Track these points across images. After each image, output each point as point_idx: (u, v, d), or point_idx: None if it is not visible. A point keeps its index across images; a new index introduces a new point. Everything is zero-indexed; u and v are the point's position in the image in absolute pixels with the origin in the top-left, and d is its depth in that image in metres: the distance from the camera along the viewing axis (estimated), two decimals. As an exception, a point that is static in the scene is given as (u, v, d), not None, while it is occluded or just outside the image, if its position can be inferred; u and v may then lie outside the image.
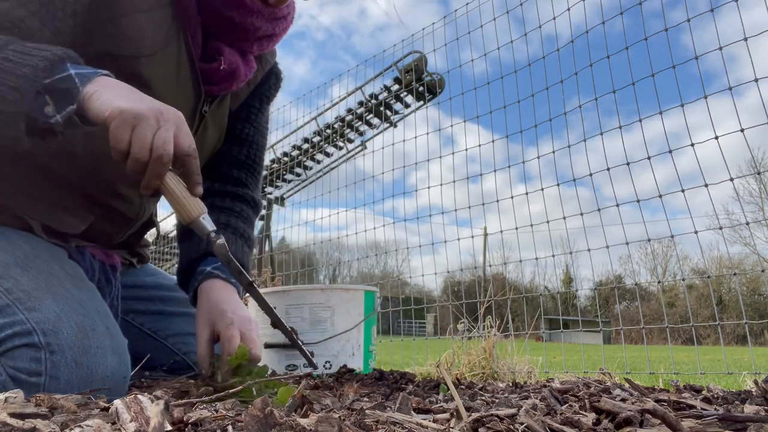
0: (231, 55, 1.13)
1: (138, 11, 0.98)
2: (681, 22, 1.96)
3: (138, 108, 0.81)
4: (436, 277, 2.85)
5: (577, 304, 26.79)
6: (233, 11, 1.05)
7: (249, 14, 1.06)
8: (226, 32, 1.10)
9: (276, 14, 1.11)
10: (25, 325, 0.86)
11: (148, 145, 0.81)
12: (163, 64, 1.04)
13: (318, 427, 0.50)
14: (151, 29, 1.01)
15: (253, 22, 1.08)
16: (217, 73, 1.12)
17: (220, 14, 1.06)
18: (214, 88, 1.16)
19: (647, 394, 0.98)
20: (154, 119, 0.82)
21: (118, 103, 0.81)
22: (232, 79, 1.15)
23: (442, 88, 6.29)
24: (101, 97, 0.81)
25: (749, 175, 21.91)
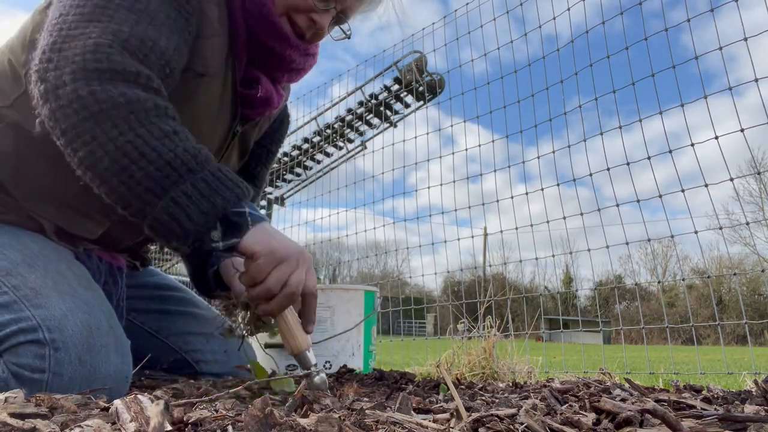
0: (266, 84, 1.23)
1: (214, 35, 1.07)
2: (681, 22, 1.96)
3: (286, 251, 0.91)
4: (436, 277, 2.86)
5: (577, 304, 26.81)
6: (276, 42, 1.15)
7: (288, 47, 1.16)
8: (265, 61, 1.20)
9: (308, 50, 1.22)
10: (31, 322, 0.88)
11: (283, 281, 0.91)
12: (216, 84, 1.13)
13: (318, 427, 0.50)
14: (218, 52, 1.10)
15: (290, 55, 1.18)
16: (255, 99, 1.22)
17: (264, 44, 1.16)
18: (250, 112, 1.25)
19: (647, 394, 0.98)
20: (294, 262, 0.92)
21: (273, 242, 0.91)
22: (267, 105, 1.25)
23: (442, 88, 6.29)
24: (261, 235, 0.91)
25: (749, 175, 21.92)
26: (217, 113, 1.16)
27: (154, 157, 0.84)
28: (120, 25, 0.90)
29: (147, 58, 0.91)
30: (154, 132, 0.86)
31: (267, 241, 0.90)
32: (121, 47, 0.88)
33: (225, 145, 1.24)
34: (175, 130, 0.88)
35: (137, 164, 0.83)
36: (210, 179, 0.87)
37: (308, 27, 1.15)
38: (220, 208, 0.87)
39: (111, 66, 0.86)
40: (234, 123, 1.22)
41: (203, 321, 1.42)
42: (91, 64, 0.85)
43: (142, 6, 0.93)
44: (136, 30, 0.91)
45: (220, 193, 0.87)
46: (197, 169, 0.86)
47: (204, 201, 0.85)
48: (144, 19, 0.93)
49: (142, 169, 0.83)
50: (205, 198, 0.86)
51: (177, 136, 0.88)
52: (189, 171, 0.86)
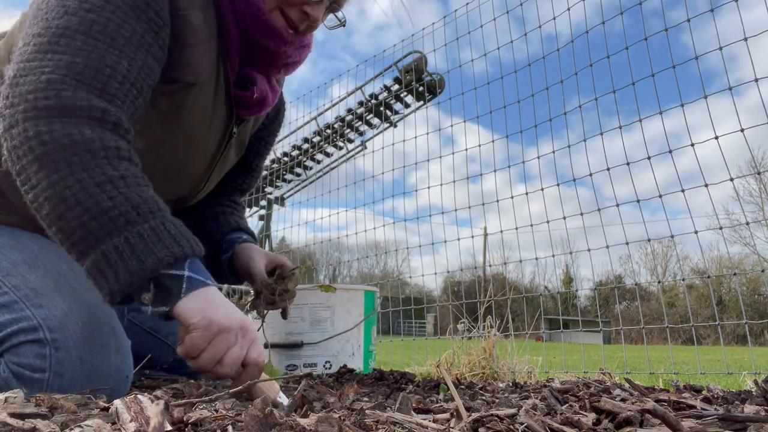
0: (261, 83, 1.21)
1: (200, 43, 1.03)
2: (681, 22, 1.96)
3: (225, 324, 0.83)
4: (436, 277, 2.85)
5: (577, 304, 26.81)
6: (270, 41, 1.12)
7: (283, 43, 1.13)
8: (260, 59, 1.17)
9: (303, 42, 1.18)
10: (32, 321, 0.88)
11: (217, 359, 0.83)
12: (208, 91, 1.10)
13: (318, 427, 0.50)
14: (206, 59, 1.06)
15: (286, 51, 1.15)
16: (250, 100, 1.20)
17: (258, 43, 1.12)
18: (245, 113, 1.23)
19: (647, 394, 0.98)
20: (233, 336, 0.84)
21: (209, 313, 0.82)
22: (262, 105, 1.23)
23: (442, 88, 6.29)
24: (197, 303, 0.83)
25: (749, 175, 21.92)
26: (210, 119, 1.14)
27: (90, 204, 0.79)
28: (74, 56, 0.85)
29: (106, 87, 0.87)
30: (96, 177, 0.81)
31: (204, 312, 0.82)
32: (74, 80, 0.84)
33: (221, 147, 1.23)
34: (121, 175, 0.83)
35: (72, 211, 0.79)
36: (147, 234, 0.80)
37: (301, 20, 1.11)
38: (150, 270, 0.79)
39: (60, 103, 0.82)
40: (230, 125, 1.21)
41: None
42: (42, 102, 0.82)
43: (101, 27, 0.88)
44: (92, 58, 0.86)
45: (153, 252, 0.80)
46: (136, 221, 0.81)
47: (134, 259, 0.79)
48: (102, 43, 0.88)
49: (77, 217, 0.79)
50: (135, 256, 0.79)
51: (123, 182, 0.82)
52: (127, 223, 0.80)
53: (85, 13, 0.88)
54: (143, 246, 0.80)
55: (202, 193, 1.29)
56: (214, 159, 1.23)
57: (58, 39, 0.86)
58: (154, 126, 1.05)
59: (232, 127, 1.22)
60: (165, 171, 1.13)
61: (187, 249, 0.83)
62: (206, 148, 1.18)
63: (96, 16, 0.88)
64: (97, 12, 0.89)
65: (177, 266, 0.82)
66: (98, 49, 0.87)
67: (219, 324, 0.82)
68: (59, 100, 0.82)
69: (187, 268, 0.83)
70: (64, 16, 0.88)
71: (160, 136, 1.06)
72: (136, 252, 0.79)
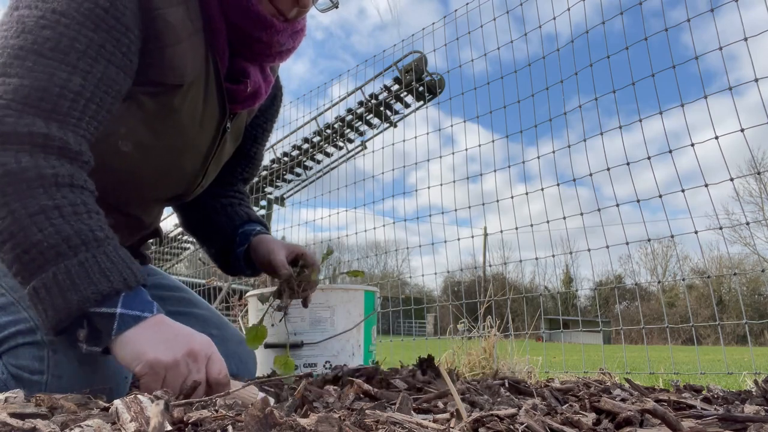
0: (254, 75, 1.17)
1: (181, 40, 0.98)
2: (681, 22, 1.96)
3: (166, 359, 0.79)
4: (436, 277, 2.86)
5: (577, 304, 26.80)
6: (262, 32, 1.08)
7: (275, 33, 1.09)
8: (252, 49, 1.13)
9: (295, 28, 1.14)
10: (29, 323, 0.87)
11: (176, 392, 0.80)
12: (197, 90, 1.06)
13: (318, 427, 0.50)
14: (192, 58, 1.02)
15: (279, 40, 1.11)
16: (243, 93, 1.16)
17: (250, 36, 1.09)
18: (238, 107, 1.19)
19: (647, 394, 0.98)
20: (183, 366, 0.80)
21: (148, 355, 0.78)
22: (255, 98, 1.20)
23: (442, 88, 6.29)
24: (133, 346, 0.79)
25: (749, 175, 21.92)
26: (201, 116, 1.11)
27: (21, 238, 0.77)
28: (23, 78, 0.82)
29: (55, 108, 0.83)
30: (29, 208, 0.78)
31: (142, 356, 0.78)
32: (20, 104, 0.81)
33: (215, 143, 1.21)
34: (56, 204, 0.80)
35: (7, 245, 0.78)
36: (75, 270, 0.78)
37: (291, 7, 1.07)
38: (75, 308, 0.77)
39: (1, 130, 0.79)
40: (223, 120, 1.18)
41: (203, 321, 1.42)
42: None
43: (53, 44, 0.84)
44: (40, 79, 0.83)
45: (79, 289, 0.77)
46: (66, 254, 0.78)
47: (59, 297, 0.77)
48: (54, 60, 0.84)
49: (11, 250, 0.78)
50: (61, 293, 0.77)
51: (57, 211, 0.79)
52: (57, 256, 0.77)
53: (39, 30, 0.85)
54: (69, 282, 0.77)
55: (199, 189, 1.27)
56: (209, 155, 1.21)
57: (12, 61, 0.83)
58: (142, 128, 1.02)
59: (225, 123, 1.19)
60: (158, 171, 1.11)
61: (118, 284, 0.80)
62: (199, 145, 1.16)
63: (50, 33, 0.84)
64: (52, 28, 0.85)
65: (107, 303, 0.79)
66: (48, 68, 0.83)
67: (161, 363, 0.78)
68: (1, 127, 0.80)
69: (120, 304, 0.80)
70: (21, 35, 0.84)
71: (149, 137, 1.04)
72: (62, 289, 0.77)
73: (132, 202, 1.17)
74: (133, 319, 0.80)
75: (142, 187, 1.13)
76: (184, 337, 0.83)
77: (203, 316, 1.44)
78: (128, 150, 1.01)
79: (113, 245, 0.84)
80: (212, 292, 5.20)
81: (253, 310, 1.74)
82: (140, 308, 0.82)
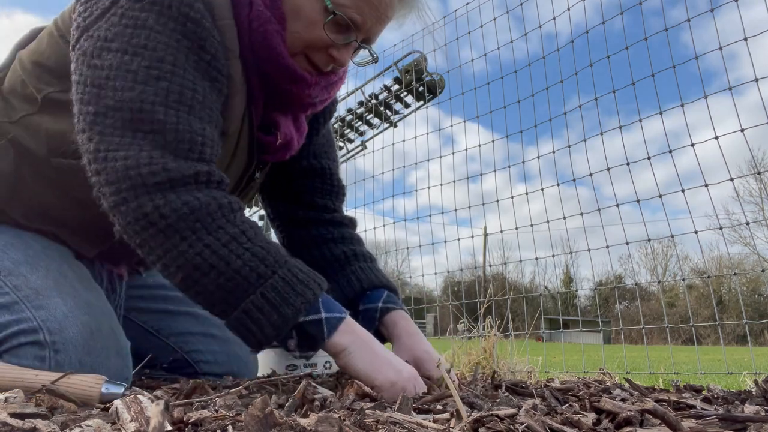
0: (286, 127, 1.15)
1: (237, 93, 1.01)
2: (681, 22, 1.96)
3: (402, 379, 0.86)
4: (436, 277, 2.86)
5: (577, 304, 26.81)
6: (292, 86, 1.06)
7: (306, 87, 1.07)
8: (283, 102, 1.12)
9: (330, 80, 1.12)
10: (32, 323, 0.88)
11: None
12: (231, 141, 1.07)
13: (318, 427, 0.50)
14: (239, 108, 1.03)
15: (310, 93, 1.09)
16: (273, 145, 1.14)
17: (279, 88, 1.07)
18: (269, 157, 1.18)
19: (647, 394, 0.98)
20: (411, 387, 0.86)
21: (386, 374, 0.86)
22: (287, 150, 1.18)
23: (442, 88, 6.28)
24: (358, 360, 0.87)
25: (749, 175, 21.90)
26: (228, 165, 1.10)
27: (222, 267, 0.83)
28: (164, 128, 0.86)
29: (202, 153, 0.89)
30: (221, 239, 0.84)
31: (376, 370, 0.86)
32: (173, 152, 0.86)
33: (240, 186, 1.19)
34: (242, 230, 0.87)
35: (208, 276, 0.83)
36: (280, 286, 0.84)
37: (327, 63, 1.05)
38: (291, 319, 0.84)
39: (169, 176, 0.84)
40: (250, 169, 1.16)
41: (204, 321, 1.42)
42: (150, 179, 0.84)
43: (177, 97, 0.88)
44: (181, 130, 0.87)
45: (289, 302, 0.84)
46: (267, 274, 0.84)
47: (274, 313, 0.83)
48: (183, 111, 0.88)
49: (213, 281, 0.83)
50: (275, 309, 0.83)
51: (245, 236, 0.86)
52: (259, 277, 0.84)
53: (156, 82, 0.87)
54: (279, 299, 0.84)
55: None
56: None
57: (140, 115, 0.86)
58: None
59: (253, 171, 1.18)
60: None
61: (316, 290, 0.87)
62: None
63: (168, 84, 0.87)
64: (167, 79, 0.87)
65: (313, 310, 0.86)
66: (182, 118, 0.88)
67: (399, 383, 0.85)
68: (167, 173, 0.84)
69: (323, 309, 0.87)
70: (135, 86, 0.86)
71: None
72: (274, 305, 0.83)
73: None
74: (338, 320, 0.88)
75: None
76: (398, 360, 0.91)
77: (204, 316, 1.44)
78: None
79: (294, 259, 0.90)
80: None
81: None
82: (338, 310, 0.90)
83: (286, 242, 1.38)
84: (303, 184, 1.34)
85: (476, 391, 0.92)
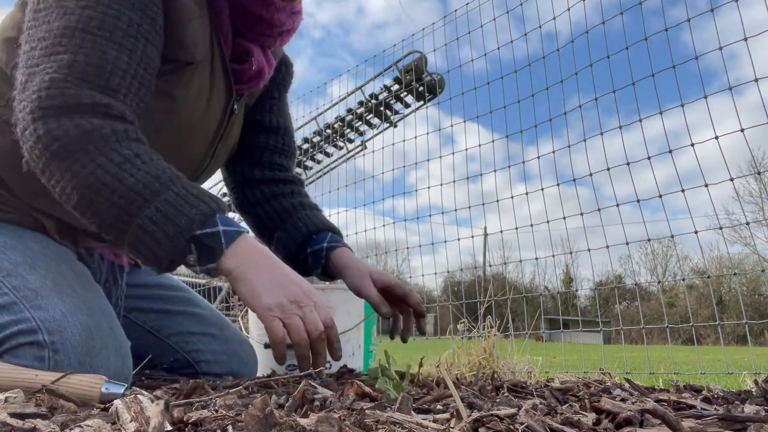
0: (258, 55, 1.19)
1: (192, 19, 1.03)
2: (681, 22, 1.96)
3: (281, 300, 0.88)
4: (436, 277, 2.85)
5: (577, 304, 26.81)
6: (263, 10, 1.11)
7: (276, 11, 1.12)
8: (253, 29, 1.16)
9: (294, 8, 1.18)
10: (31, 323, 0.88)
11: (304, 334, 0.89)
12: (204, 69, 1.10)
13: (318, 427, 0.50)
14: (201, 36, 1.05)
15: (279, 18, 1.14)
16: (247, 73, 1.19)
17: (251, 13, 1.12)
18: (243, 87, 1.22)
19: (647, 394, 0.98)
20: (297, 307, 0.89)
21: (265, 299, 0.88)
22: (260, 78, 1.22)
23: (442, 88, 6.28)
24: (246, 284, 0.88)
25: (749, 175, 21.90)
26: (209, 97, 1.14)
27: (115, 185, 0.84)
28: (75, 54, 0.87)
29: (108, 84, 0.90)
30: (113, 159, 0.85)
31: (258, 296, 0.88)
32: (77, 78, 0.87)
33: (223, 125, 1.22)
34: (136, 153, 0.87)
35: (101, 195, 0.84)
36: (173, 200, 0.85)
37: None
38: (186, 230, 0.84)
39: (65, 101, 0.85)
40: (229, 101, 1.20)
41: (204, 321, 1.42)
42: (46, 102, 0.85)
43: (98, 23, 0.90)
44: (93, 55, 0.88)
45: (185, 213, 0.85)
46: (161, 190, 0.85)
47: (169, 224, 0.84)
48: (101, 38, 0.90)
49: (107, 199, 0.84)
50: (170, 221, 0.84)
51: (139, 159, 0.87)
52: (153, 194, 0.84)
53: (81, 11, 0.90)
54: (174, 210, 0.84)
55: (206, 174, 1.29)
56: (216, 137, 1.22)
57: (60, 39, 0.88)
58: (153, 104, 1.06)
59: (232, 104, 1.21)
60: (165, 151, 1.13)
61: (213, 205, 0.88)
62: (206, 126, 1.18)
63: (92, 12, 0.90)
64: (93, 8, 0.90)
65: (209, 223, 0.87)
66: (97, 44, 0.89)
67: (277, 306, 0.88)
68: (64, 99, 0.85)
69: (220, 223, 0.88)
70: (63, 16, 0.89)
71: (158, 116, 1.07)
72: (169, 217, 0.84)
73: None
74: (235, 233, 0.89)
75: None
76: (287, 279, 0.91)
77: (204, 316, 1.44)
78: None
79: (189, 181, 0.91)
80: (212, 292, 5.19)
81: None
82: (235, 225, 0.90)
83: (238, 201, 1.45)
84: (263, 142, 1.41)
85: (476, 391, 0.92)
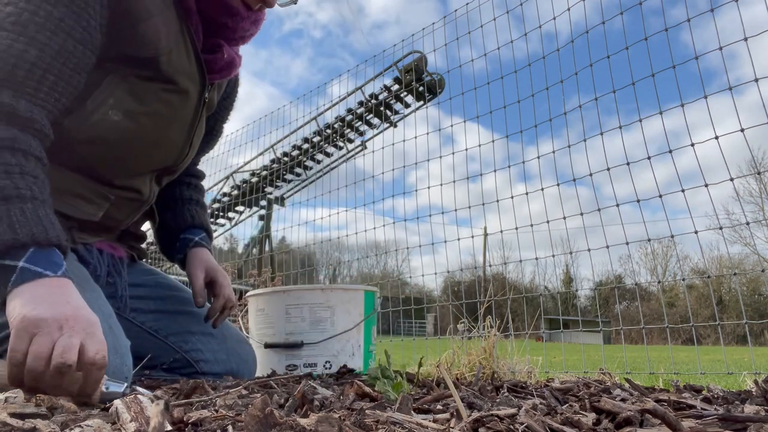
0: (227, 48, 1.27)
1: (152, 15, 1.06)
2: (681, 22, 1.96)
3: (41, 315, 0.75)
4: (436, 277, 2.85)
5: (577, 304, 26.80)
6: (228, 18, 1.20)
7: (240, 20, 1.21)
8: (218, 33, 1.23)
9: (258, 17, 1.26)
10: None
11: (44, 355, 0.74)
12: (179, 57, 1.14)
13: (318, 427, 0.50)
14: (165, 30, 1.09)
15: (243, 26, 1.23)
16: (220, 62, 1.25)
17: (216, 21, 1.20)
18: (216, 76, 1.27)
19: (647, 394, 0.98)
20: (56, 327, 0.75)
21: (22, 309, 0.76)
22: (231, 67, 1.28)
23: (442, 88, 6.29)
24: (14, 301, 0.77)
25: (749, 175, 21.92)
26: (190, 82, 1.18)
27: None
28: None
29: (10, 77, 0.88)
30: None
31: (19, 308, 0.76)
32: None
33: (197, 113, 1.26)
34: None
35: None
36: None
37: (257, 3, 1.19)
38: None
39: None
40: (203, 91, 1.25)
41: (203, 320, 1.43)
42: None
43: (14, 18, 0.90)
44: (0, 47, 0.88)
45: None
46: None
47: None
48: (13, 33, 0.89)
49: None
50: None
51: None
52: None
53: (3, 7, 0.92)
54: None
55: (185, 161, 1.32)
56: (192, 125, 1.27)
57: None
58: (128, 98, 1.09)
59: (204, 93, 1.26)
60: (147, 141, 1.17)
61: (24, 237, 0.79)
62: (184, 115, 1.22)
63: (13, 8, 0.91)
64: (15, 3, 0.92)
65: (11, 256, 0.79)
66: (7, 39, 0.89)
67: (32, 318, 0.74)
68: None
69: (25, 259, 0.79)
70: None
71: (136, 107, 1.10)
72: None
73: (128, 173, 1.21)
74: (33, 275, 0.79)
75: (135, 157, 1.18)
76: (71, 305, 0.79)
77: (203, 316, 1.44)
78: (119, 119, 1.08)
79: (37, 205, 0.84)
80: (212, 292, 5.19)
81: (252, 310, 1.74)
82: (44, 266, 0.81)
83: None
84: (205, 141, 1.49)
85: (476, 391, 0.93)
